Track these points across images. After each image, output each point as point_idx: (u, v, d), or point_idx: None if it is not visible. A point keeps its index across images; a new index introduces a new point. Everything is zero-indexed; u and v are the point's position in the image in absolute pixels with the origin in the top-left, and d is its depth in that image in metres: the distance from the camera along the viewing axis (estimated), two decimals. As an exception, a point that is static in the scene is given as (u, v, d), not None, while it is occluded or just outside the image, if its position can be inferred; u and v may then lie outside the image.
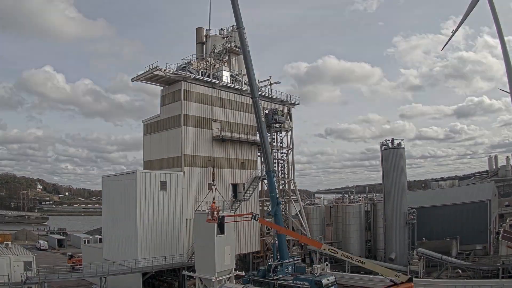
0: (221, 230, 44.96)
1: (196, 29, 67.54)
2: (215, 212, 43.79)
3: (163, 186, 51.73)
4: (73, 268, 65.53)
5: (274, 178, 50.42)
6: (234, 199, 59.73)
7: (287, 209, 68.90)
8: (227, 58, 64.67)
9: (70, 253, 74.98)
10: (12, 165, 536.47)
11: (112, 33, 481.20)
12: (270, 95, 67.45)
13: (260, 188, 66.39)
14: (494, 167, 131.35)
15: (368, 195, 70.40)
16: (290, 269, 47.69)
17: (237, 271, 48.56)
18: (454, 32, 51.51)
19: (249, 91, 62.77)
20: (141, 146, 62.29)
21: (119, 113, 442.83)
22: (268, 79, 68.98)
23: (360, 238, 64.41)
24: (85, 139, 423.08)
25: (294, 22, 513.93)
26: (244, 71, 65.53)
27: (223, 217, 44.14)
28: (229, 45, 64.48)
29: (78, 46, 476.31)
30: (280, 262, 47.05)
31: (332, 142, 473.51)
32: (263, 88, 67.04)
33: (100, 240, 70.48)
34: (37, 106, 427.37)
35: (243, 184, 61.35)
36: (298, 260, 52.45)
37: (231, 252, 47.06)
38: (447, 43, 55.67)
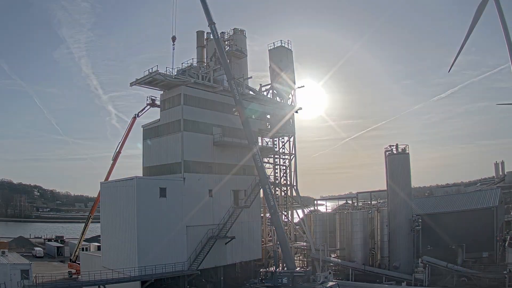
0: None
1: (197, 32, 66.69)
2: None
3: (162, 192, 50.88)
4: (71, 276, 64.73)
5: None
6: (235, 206, 58.59)
7: (289, 216, 67.85)
8: (228, 62, 63.72)
9: (71, 258, 74.15)
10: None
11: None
12: (271, 99, 66.40)
13: (262, 195, 65.34)
14: (501, 173, 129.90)
15: (372, 202, 69.30)
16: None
17: None
18: (459, 52, 50.28)
19: (250, 95, 62.19)
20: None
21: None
22: (270, 84, 68.05)
23: (364, 245, 63.21)
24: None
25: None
26: (245, 75, 64.81)
27: None
28: (230, 49, 63.69)
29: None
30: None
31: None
32: (265, 93, 66.10)
33: (99, 247, 69.40)
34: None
35: (245, 190, 60.27)
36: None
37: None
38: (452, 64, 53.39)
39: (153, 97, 59.84)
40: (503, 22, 44.51)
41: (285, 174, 67.14)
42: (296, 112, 70.73)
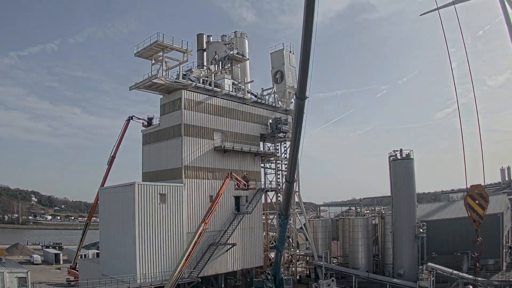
0: None
1: (197, 35, 65.99)
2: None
3: (162, 198, 49.95)
4: (69, 284, 63.69)
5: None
6: (236, 212, 57.62)
7: (291, 222, 66.84)
8: (229, 65, 63.14)
9: (71, 265, 73.31)
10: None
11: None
12: (273, 104, 65.50)
13: (263, 201, 64.46)
14: (507, 179, 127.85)
15: (376, 208, 68.34)
16: None
17: None
18: None
19: (252, 100, 61.39)
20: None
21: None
22: (272, 87, 67.17)
23: (368, 252, 62.22)
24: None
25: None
26: (247, 79, 63.98)
27: None
28: (231, 52, 63.00)
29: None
30: None
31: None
32: (267, 97, 65.22)
33: (97, 254, 68.51)
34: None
35: (246, 196, 59.34)
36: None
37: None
38: None
39: (150, 116, 59.42)
40: None
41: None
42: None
